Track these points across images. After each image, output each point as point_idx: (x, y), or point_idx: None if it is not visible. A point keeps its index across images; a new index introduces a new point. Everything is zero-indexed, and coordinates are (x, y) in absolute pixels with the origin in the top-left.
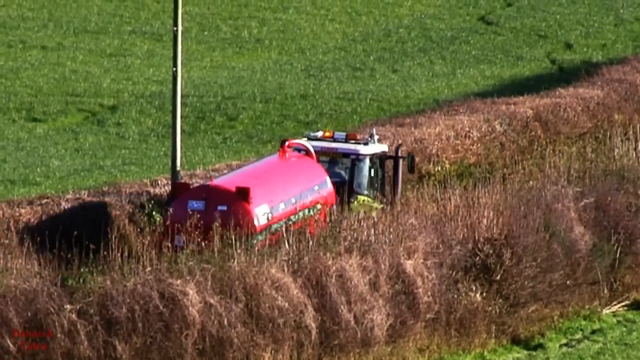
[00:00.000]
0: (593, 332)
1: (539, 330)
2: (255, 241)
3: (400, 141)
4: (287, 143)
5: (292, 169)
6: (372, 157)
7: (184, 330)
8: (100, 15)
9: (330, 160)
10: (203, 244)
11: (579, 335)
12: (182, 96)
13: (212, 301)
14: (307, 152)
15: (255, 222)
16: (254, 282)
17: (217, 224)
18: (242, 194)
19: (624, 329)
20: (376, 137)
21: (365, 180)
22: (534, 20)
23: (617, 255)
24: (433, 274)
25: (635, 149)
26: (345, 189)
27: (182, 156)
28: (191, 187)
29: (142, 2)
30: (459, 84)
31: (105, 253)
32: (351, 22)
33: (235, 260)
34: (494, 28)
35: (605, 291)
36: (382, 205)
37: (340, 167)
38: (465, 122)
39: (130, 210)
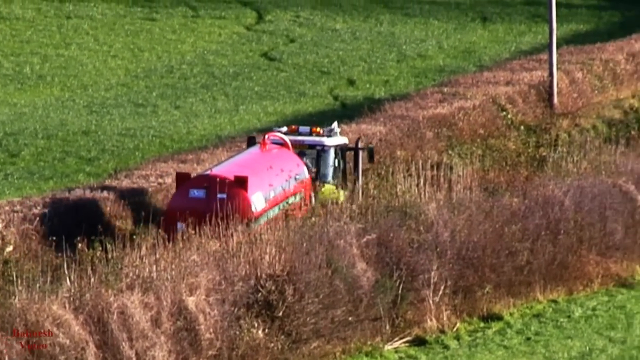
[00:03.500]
0: None
1: None
2: (255, 226)
3: (360, 135)
4: (267, 136)
5: (275, 159)
6: (336, 148)
7: None
8: None
9: (300, 152)
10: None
11: None
12: None
13: None
14: (284, 144)
15: (253, 209)
16: (35, 319)
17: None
18: (241, 182)
19: None
20: (338, 130)
21: (330, 170)
22: (317, 57)
23: (399, 291)
24: (215, 311)
25: (417, 185)
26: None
27: None
28: (192, 176)
29: None
30: (242, 120)
31: None
32: (134, 58)
33: (17, 297)
34: (277, 64)
35: (387, 327)
36: (347, 193)
37: (306, 158)
38: None
39: None
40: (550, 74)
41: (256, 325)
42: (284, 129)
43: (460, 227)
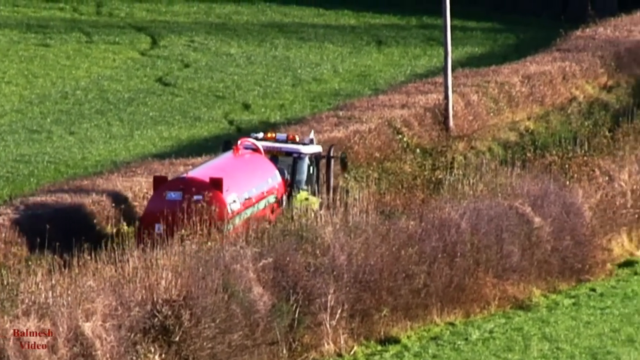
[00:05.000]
0: None
1: None
2: (230, 227)
3: (333, 143)
4: (239, 142)
5: (248, 163)
6: (311, 156)
7: None
8: None
9: (272, 158)
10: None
11: None
12: None
13: None
14: (256, 149)
15: (228, 210)
16: None
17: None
18: (216, 184)
19: None
20: (314, 139)
21: (304, 177)
22: (212, 81)
23: (296, 315)
24: (112, 336)
25: (313, 209)
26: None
27: None
28: (168, 179)
29: None
30: (137, 145)
31: None
32: (28, 84)
33: None
34: (172, 89)
35: (285, 351)
36: (320, 200)
37: (281, 164)
38: (143, 183)
39: None
40: (446, 97)
41: (153, 350)
42: (261, 135)
43: (357, 250)
